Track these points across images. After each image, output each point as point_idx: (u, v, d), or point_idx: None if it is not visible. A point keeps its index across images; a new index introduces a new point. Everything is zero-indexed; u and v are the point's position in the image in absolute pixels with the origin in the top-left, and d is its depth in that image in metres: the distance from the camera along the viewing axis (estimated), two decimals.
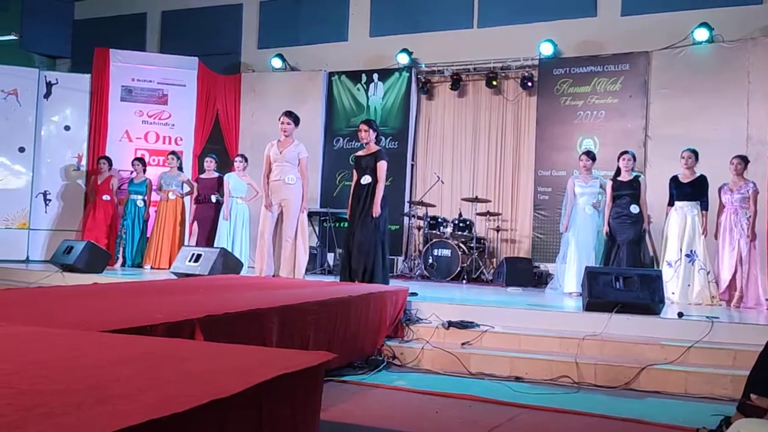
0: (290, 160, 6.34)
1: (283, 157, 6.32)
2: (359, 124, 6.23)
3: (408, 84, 9.54)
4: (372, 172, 6.05)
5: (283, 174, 6.30)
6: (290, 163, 6.34)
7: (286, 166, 6.33)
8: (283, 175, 6.30)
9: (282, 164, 6.33)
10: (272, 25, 10.66)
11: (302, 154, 6.40)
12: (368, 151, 6.19)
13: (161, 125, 9.84)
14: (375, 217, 5.97)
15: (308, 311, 3.92)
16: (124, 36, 10.94)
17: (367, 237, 5.97)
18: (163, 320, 2.79)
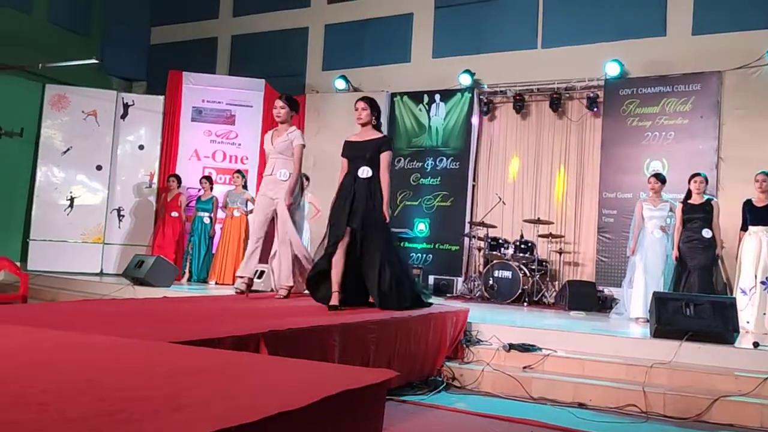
0: (283, 151, 5.32)
1: (275, 149, 5.35)
2: (356, 102, 4.96)
3: (470, 105, 9.54)
4: (373, 164, 4.81)
5: (275, 168, 5.34)
6: (283, 155, 5.33)
7: (278, 159, 5.34)
8: (275, 170, 5.33)
9: (275, 157, 5.36)
10: (336, 48, 10.89)
11: (296, 141, 5.33)
12: (367, 137, 4.90)
13: (228, 144, 10.15)
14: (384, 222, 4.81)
15: (368, 330, 3.95)
16: (196, 59, 11.39)
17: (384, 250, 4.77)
18: (229, 334, 2.87)
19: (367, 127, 4.93)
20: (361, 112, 4.90)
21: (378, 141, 4.85)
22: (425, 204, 9.66)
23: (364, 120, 4.90)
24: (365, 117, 4.89)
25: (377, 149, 4.80)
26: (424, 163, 9.73)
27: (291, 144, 5.31)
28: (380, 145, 4.82)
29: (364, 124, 4.92)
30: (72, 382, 1.72)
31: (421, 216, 9.67)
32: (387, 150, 4.86)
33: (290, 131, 5.36)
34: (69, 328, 2.76)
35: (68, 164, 9.84)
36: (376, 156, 4.79)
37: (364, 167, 4.77)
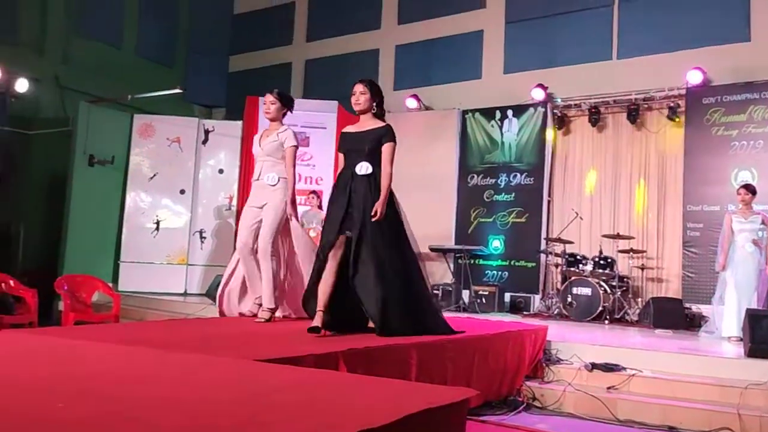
0: (272, 153, 4.72)
1: (263, 151, 4.75)
2: (354, 84, 4.24)
3: (543, 119, 9.40)
4: (373, 158, 4.09)
5: (263, 172, 4.73)
6: (272, 157, 4.72)
7: (266, 161, 4.73)
8: (263, 174, 4.73)
9: (262, 159, 4.75)
10: (407, 68, 10.99)
11: (287, 142, 4.74)
12: (366, 126, 4.19)
13: (303, 166, 10.37)
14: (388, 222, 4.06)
15: (446, 348, 3.93)
16: (271, 84, 11.68)
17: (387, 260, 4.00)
18: (309, 352, 2.93)
19: (366, 116, 4.21)
20: (359, 96, 4.18)
21: (379, 131, 4.12)
22: (499, 221, 9.55)
23: (363, 106, 4.16)
24: (364, 102, 4.16)
25: (378, 140, 4.09)
26: (497, 180, 9.64)
27: (281, 145, 4.70)
28: (381, 136, 4.10)
29: (362, 110, 4.19)
30: (164, 398, 1.79)
31: (495, 233, 9.55)
32: (390, 141, 4.12)
33: (281, 131, 4.76)
34: (159, 347, 2.88)
35: (154, 189, 10.32)
36: (376, 149, 4.08)
37: (363, 162, 4.06)
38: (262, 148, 4.73)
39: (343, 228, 3.99)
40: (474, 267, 9.25)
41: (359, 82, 4.22)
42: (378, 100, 4.23)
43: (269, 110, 4.76)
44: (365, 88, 4.20)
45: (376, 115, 4.22)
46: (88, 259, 9.51)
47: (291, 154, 4.73)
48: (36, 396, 1.77)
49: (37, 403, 1.67)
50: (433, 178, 9.85)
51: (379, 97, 4.25)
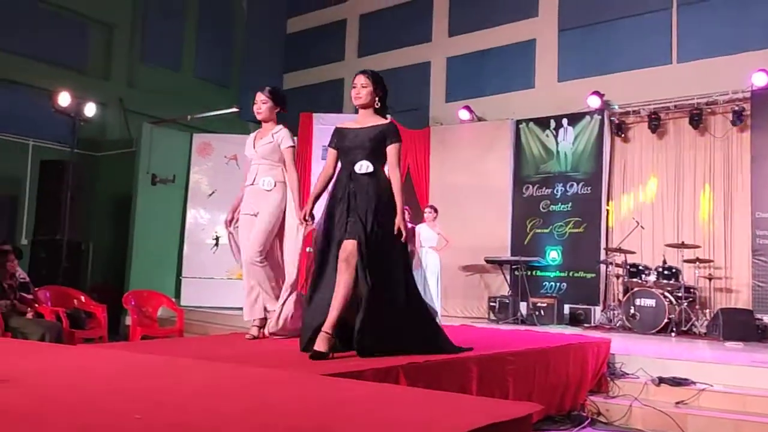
0: (267, 155, 4.34)
1: (257, 153, 4.38)
2: (355, 76, 3.84)
3: (600, 127, 9.22)
4: (374, 157, 3.68)
5: (258, 176, 4.35)
6: (267, 160, 4.34)
7: (262, 165, 4.36)
8: (258, 178, 4.35)
9: (257, 163, 4.38)
10: (459, 79, 10.99)
11: (284, 143, 4.35)
12: (367, 122, 3.78)
13: None
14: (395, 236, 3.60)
15: (506, 361, 3.89)
16: (324, 100, 11.93)
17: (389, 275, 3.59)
18: (371, 366, 2.94)
19: (367, 111, 3.79)
20: (360, 90, 3.75)
21: (382, 129, 3.71)
22: (556, 231, 9.39)
23: (364, 100, 3.75)
24: (365, 96, 3.74)
25: (381, 140, 3.67)
26: (553, 190, 9.49)
27: (277, 147, 4.33)
28: (385, 135, 3.68)
29: (363, 105, 3.77)
30: (232, 412, 1.84)
31: (552, 244, 9.40)
32: (396, 141, 3.70)
33: (275, 131, 4.38)
34: (225, 361, 2.95)
35: (213, 206, 10.58)
36: (379, 148, 3.67)
37: (363, 161, 3.63)
38: (256, 151, 4.36)
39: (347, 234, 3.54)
40: (531, 278, 9.12)
41: (360, 74, 3.80)
42: (381, 94, 3.79)
43: (260, 110, 4.41)
44: (367, 80, 3.76)
45: (377, 111, 3.80)
46: (152, 274, 9.82)
47: (291, 154, 4.36)
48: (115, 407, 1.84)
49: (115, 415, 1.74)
50: (487, 190, 9.78)
51: (383, 91, 3.81)
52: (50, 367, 2.72)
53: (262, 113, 4.40)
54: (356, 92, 3.77)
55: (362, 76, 3.79)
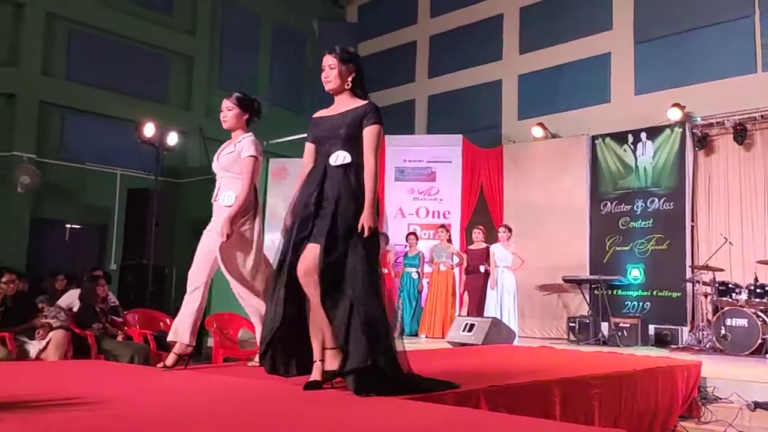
0: (228, 167, 3.94)
1: (219, 165, 3.99)
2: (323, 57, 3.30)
3: (681, 140, 8.87)
4: (351, 146, 3.15)
5: (219, 191, 3.97)
6: (229, 172, 3.94)
7: (223, 178, 3.96)
8: (219, 193, 3.97)
9: (220, 176, 3.99)
10: (531, 96, 10.87)
11: (244, 151, 3.90)
12: (342, 107, 3.26)
13: (430, 200, 10.47)
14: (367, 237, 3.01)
15: (591, 385, 3.76)
16: (396, 122, 12.02)
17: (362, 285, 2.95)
18: (451, 390, 2.91)
19: (342, 96, 3.27)
20: (329, 72, 3.25)
21: (358, 111, 3.18)
22: (638, 249, 9.05)
23: (334, 83, 3.23)
24: (335, 79, 3.22)
25: (357, 123, 3.15)
26: (633, 206, 9.17)
27: (239, 156, 3.89)
28: (361, 117, 3.15)
29: (335, 89, 3.25)
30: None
31: (634, 262, 9.06)
32: (374, 122, 3.15)
33: (239, 140, 3.95)
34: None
35: None
36: (355, 133, 3.14)
37: (339, 151, 3.12)
38: (218, 162, 3.98)
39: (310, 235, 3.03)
40: (612, 298, 8.81)
41: (327, 54, 3.26)
42: (354, 74, 3.25)
43: (225, 117, 4.00)
44: (334, 59, 3.23)
45: (356, 94, 3.26)
46: (232, 297, 10.04)
47: (248, 165, 3.85)
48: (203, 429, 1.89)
49: None
50: (563, 208, 9.57)
51: (357, 71, 3.26)
52: (141, 389, 2.84)
53: (228, 121, 4.00)
54: (325, 75, 3.25)
55: (329, 56, 3.25)
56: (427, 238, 10.10)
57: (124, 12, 10.83)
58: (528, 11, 11.07)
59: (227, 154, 3.95)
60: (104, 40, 10.69)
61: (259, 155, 3.94)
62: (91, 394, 2.72)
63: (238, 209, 3.81)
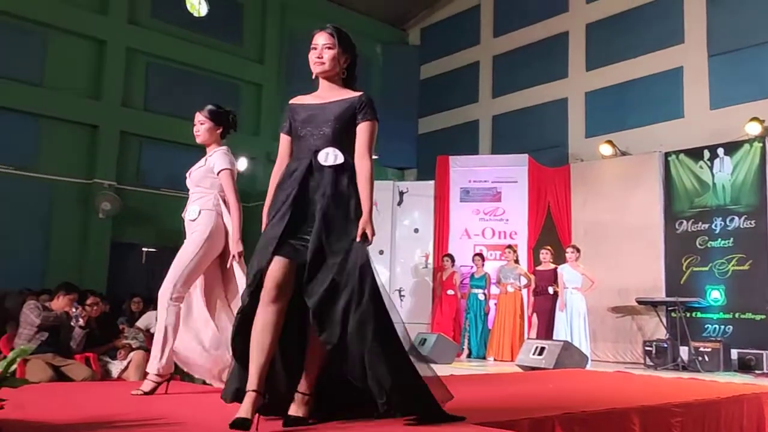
0: (199, 182, 3.81)
1: (190, 180, 3.86)
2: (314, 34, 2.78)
3: (762, 155, 8.47)
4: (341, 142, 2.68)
5: (188, 206, 3.83)
6: (199, 187, 3.80)
7: (194, 193, 3.83)
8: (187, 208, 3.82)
9: (191, 192, 3.85)
10: (598, 113, 10.66)
11: (217, 165, 3.75)
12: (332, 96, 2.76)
13: (496, 221, 10.38)
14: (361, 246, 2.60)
15: (672, 413, 3.61)
16: (460, 143, 12.05)
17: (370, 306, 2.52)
18: (526, 416, 2.86)
19: (331, 83, 2.78)
20: (323, 52, 2.73)
21: (352, 102, 2.71)
22: (717, 269, 8.66)
23: (327, 66, 2.73)
24: (330, 62, 2.72)
25: (350, 116, 2.69)
26: (711, 225, 8.81)
27: (210, 171, 3.76)
28: (356, 109, 2.70)
29: (327, 74, 2.76)
30: None
31: (713, 283, 8.67)
32: (371, 118, 2.70)
33: (210, 154, 3.81)
34: None
35: None
36: (346, 128, 2.69)
37: (328, 149, 2.65)
38: (190, 178, 3.85)
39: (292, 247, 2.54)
40: (691, 321, 8.45)
41: (322, 31, 2.75)
42: (349, 57, 2.78)
43: (198, 132, 3.86)
44: (331, 38, 2.72)
45: (346, 84, 2.80)
46: None
47: (227, 178, 3.73)
48: None
49: None
50: (635, 227, 9.28)
51: (351, 53, 2.79)
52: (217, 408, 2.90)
53: (201, 135, 3.86)
54: (317, 55, 2.73)
55: (325, 34, 2.73)
56: (494, 259, 10.00)
57: (197, 45, 11.31)
58: (594, 28, 10.91)
59: (198, 169, 3.82)
60: (179, 71, 11.18)
61: (233, 167, 3.78)
62: (171, 414, 2.81)
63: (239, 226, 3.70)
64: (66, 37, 10.16)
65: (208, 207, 3.73)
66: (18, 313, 5.21)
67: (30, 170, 9.34)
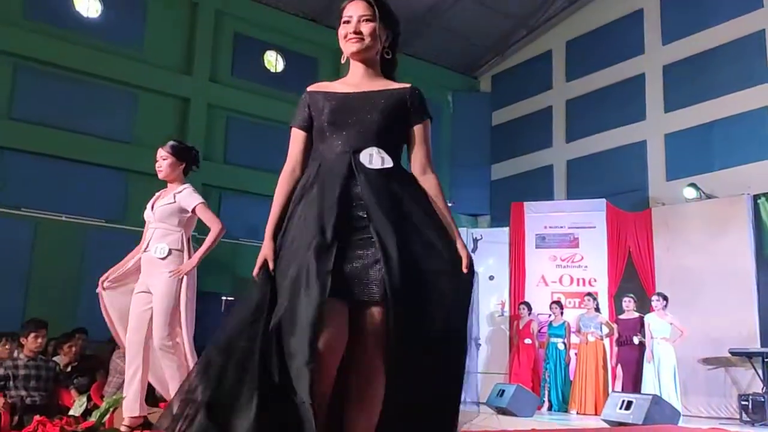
0: (165, 219, 3.85)
1: (154, 215, 3.90)
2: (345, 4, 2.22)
3: None
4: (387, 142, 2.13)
5: (152, 242, 3.84)
6: (165, 223, 3.85)
7: (158, 229, 3.85)
8: (151, 244, 3.84)
9: (153, 227, 3.88)
10: (680, 155, 10.31)
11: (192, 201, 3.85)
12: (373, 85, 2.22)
13: (574, 268, 10.09)
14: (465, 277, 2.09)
15: None
16: (534, 188, 11.88)
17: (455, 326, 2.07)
18: None
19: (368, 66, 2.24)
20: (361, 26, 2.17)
21: (401, 95, 2.18)
22: None
23: (368, 42, 2.17)
24: (370, 37, 2.17)
25: (399, 111, 2.16)
26: None
27: (178, 209, 3.84)
28: (408, 104, 2.17)
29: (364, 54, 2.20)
30: None
31: None
32: (426, 116, 2.21)
33: (177, 191, 3.88)
34: None
35: None
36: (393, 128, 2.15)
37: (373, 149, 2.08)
38: (153, 213, 3.89)
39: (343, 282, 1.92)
40: None
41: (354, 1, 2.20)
42: (391, 35, 2.24)
43: (161, 167, 3.93)
44: (369, 9, 2.17)
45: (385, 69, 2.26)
46: None
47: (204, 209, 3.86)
48: None
49: None
50: (725, 273, 8.80)
51: (394, 29, 2.24)
52: None
53: (163, 171, 3.92)
54: (352, 29, 2.17)
55: (361, 2, 2.19)
56: (573, 307, 9.69)
57: (274, 99, 11.74)
58: (671, 69, 10.64)
59: (165, 205, 3.86)
60: (257, 125, 11.61)
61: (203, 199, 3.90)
62: None
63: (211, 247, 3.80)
64: (154, 97, 10.76)
65: (177, 247, 3.80)
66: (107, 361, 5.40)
67: (118, 222, 9.79)
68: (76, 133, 9.84)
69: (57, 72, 9.81)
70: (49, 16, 9.89)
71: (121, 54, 10.38)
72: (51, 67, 9.76)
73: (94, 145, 9.95)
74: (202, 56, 11.15)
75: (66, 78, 9.90)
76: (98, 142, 10.01)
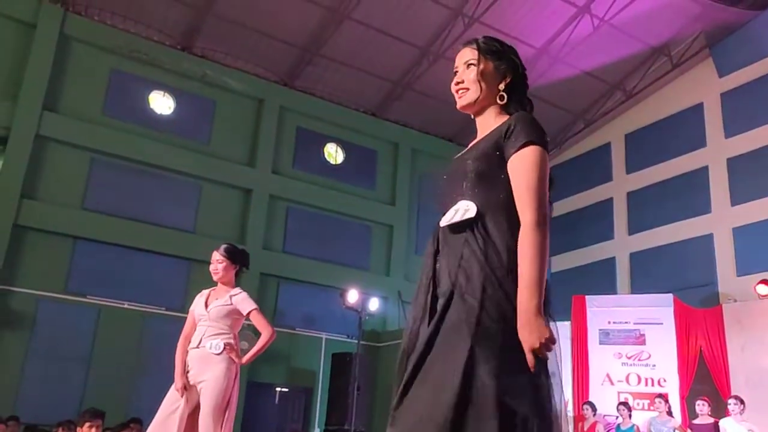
0: (219, 319, 4.03)
1: (208, 315, 4.05)
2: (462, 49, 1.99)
3: None
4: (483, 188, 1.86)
5: (204, 338, 4.00)
6: (218, 323, 4.03)
7: (210, 327, 4.02)
8: (204, 341, 3.99)
9: (205, 324, 4.04)
10: (750, 249, 9.89)
11: (247, 306, 4.06)
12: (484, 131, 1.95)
13: (641, 366, 9.57)
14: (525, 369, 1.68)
15: None
16: (596, 281, 11.53)
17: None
18: None
19: (485, 116, 1.98)
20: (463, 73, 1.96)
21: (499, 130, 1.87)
22: None
23: (473, 94, 1.94)
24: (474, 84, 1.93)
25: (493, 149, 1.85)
26: None
27: (233, 311, 4.04)
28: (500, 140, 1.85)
29: (472, 106, 1.97)
30: None
31: None
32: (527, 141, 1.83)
33: (234, 293, 4.09)
34: None
35: None
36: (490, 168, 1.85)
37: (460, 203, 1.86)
38: (208, 312, 4.05)
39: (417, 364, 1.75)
40: None
41: (465, 46, 1.98)
42: (509, 81, 1.95)
43: (217, 270, 4.14)
44: (474, 53, 1.94)
45: (505, 108, 1.95)
46: None
47: (258, 315, 4.07)
48: None
49: None
50: None
51: (512, 71, 1.95)
52: None
53: (219, 273, 4.14)
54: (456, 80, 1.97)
55: (467, 48, 1.97)
56: (641, 408, 9.11)
57: (333, 190, 12.00)
58: (736, 162, 10.42)
59: (220, 306, 4.06)
60: (316, 215, 11.83)
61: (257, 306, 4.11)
62: None
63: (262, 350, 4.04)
64: (218, 188, 11.16)
65: (230, 341, 4.02)
66: None
67: (178, 311, 9.96)
68: (143, 223, 10.24)
69: (128, 165, 10.36)
70: (126, 113, 10.55)
71: (189, 147, 10.91)
72: (123, 160, 10.31)
73: (158, 235, 10.30)
74: (265, 149, 11.59)
75: (136, 170, 10.42)
76: (163, 231, 10.36)
